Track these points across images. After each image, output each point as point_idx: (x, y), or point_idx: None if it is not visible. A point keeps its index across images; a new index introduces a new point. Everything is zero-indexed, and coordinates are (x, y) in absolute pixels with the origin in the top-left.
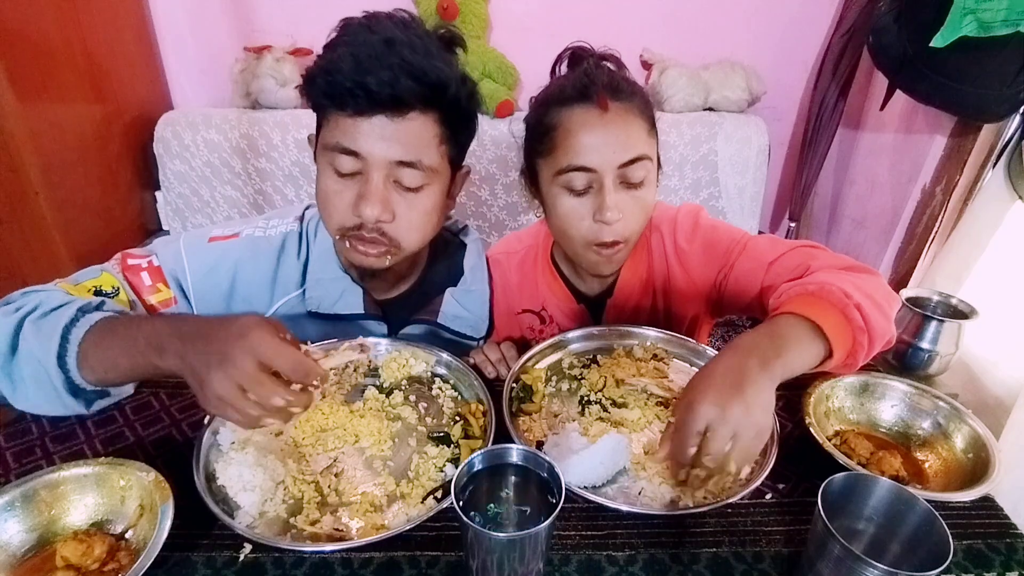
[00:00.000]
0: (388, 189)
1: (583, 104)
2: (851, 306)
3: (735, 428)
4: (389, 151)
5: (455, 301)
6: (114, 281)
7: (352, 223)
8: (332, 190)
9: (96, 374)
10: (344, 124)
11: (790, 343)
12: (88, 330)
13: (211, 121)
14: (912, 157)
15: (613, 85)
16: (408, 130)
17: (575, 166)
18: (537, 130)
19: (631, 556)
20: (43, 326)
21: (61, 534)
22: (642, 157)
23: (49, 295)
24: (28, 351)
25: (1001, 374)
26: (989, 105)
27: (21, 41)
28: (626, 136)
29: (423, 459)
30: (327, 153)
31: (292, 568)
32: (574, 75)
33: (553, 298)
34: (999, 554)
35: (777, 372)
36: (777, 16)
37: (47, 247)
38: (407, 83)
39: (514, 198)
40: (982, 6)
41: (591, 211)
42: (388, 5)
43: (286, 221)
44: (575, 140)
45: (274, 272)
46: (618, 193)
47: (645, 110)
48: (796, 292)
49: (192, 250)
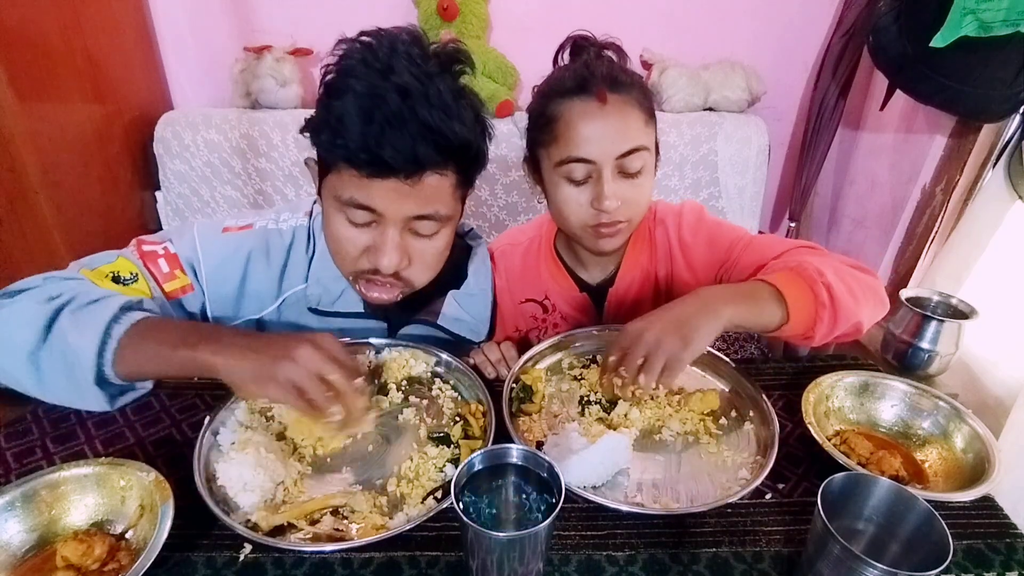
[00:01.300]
0: (404, 237)
1: (582, 96)
2: (819, 283)
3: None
4: (406, 207)
5: (456, 304)
6: (132, 267)
7: (366, 268)
8: (345, 237)
9: (129, 367)
10: (358, 182)
11: (748, 299)
12: (131, 327)
13: (211, 121)
14: (912, 157)
15: (612, 76)
16: (425, 187)
17: (574, 157)
18: (539, 120)
19: (631, 556)
20: (84, 318)
21: (61, 534)
22: (639, 148)
23: (80, 285)
24: (63, 342)
25: (1001, 374)
26: (989, 105)
27: (21, 41)
28: (624, 127)
29: (423, 459)
30: (337, 202)
31: (292, 568)
32: (574, 66)
33: (556, 286)
34: (999, 554)
35: (725, 313)
36: (777, 16)
37: (47, 247)
38: (427, 150)
39: (514, 198)
40: (982, 6)
41: (589, 199)
42: (387, 6)
43: (296, 215)
44: (574, 132)
45: (284, 265)
46: (616, 182)
47: (643, 100)
48: (777, 267)
49: (207, 239)
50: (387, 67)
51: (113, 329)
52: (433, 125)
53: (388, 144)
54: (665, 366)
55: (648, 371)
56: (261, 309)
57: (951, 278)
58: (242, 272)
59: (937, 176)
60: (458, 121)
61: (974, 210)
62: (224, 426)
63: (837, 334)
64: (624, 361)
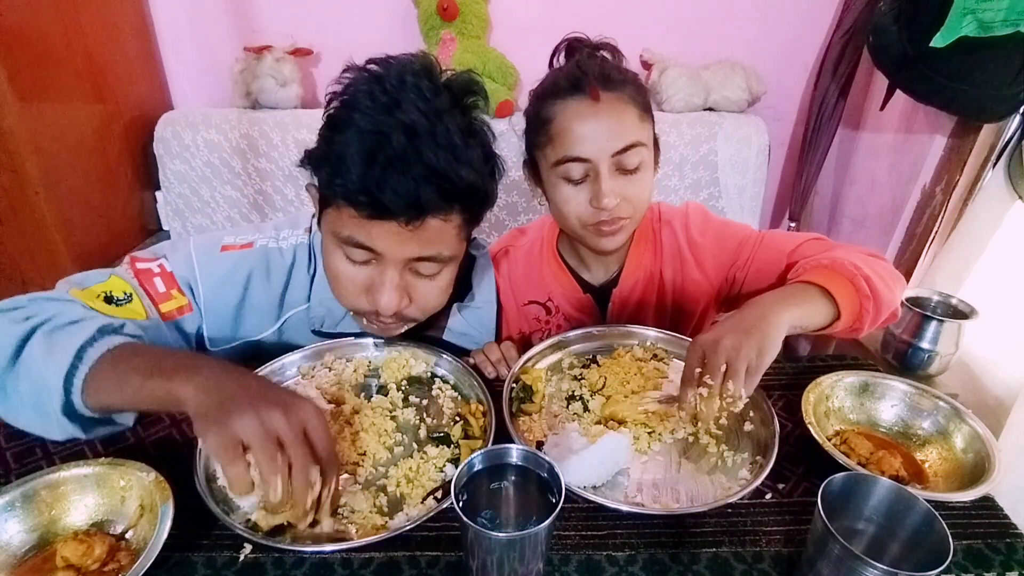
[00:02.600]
0: (405, 277)
1: (576, 95)
2: (859, 277)
3: (730, 350)
4: (407, 249)
5: (461, 318)
6: (126, 286)
7: (365, 307)
8: (344, 274)
9: (98, 396)
10: (358, 221)
11: (802, 301)
12: (105, 352)
13: (211, 121)
14: (912, 157)
15: (604, 75)
16: (427, 230)
17: (570, 156)
18: (535, 123)
19: (631, 556)
20: (57, 339)
21: (61, 534)
22: (635, 144)
23: (64, 306)
24: (32, 364)
25: (1001, 374)
26: (989, 105)
27: (21, 41)
28: (619, 124)
29: (423, 459)
30: (336, 239)
31: (292, 568)
32: (567, 67)
33: (559, 288)
34: (999, 554)
35: (786, 318)
36: (777, 16)
37: (47, 247)
38: (429, 195)
39: (514, 198)
40: (982, 6)
41: (588, 198)
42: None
43: (297, 232)
44: (569, 131)
45: (285, 286)
46: (614, 180)
47: (637, 96)
48: (811, 265)
49: (205, 258)
50: (394, 102)
51: (86, 353)
52: (439, 168)
53: (389, 188)
54: (747, 372)
55: (735, 377)
56: (260, 331)
57: (951, 278)
58: (242, 292)
59: (937, 176)
60: (466, 164)
61: (974, 210)
62: None
63: (880, 323)
64: (707, 370)
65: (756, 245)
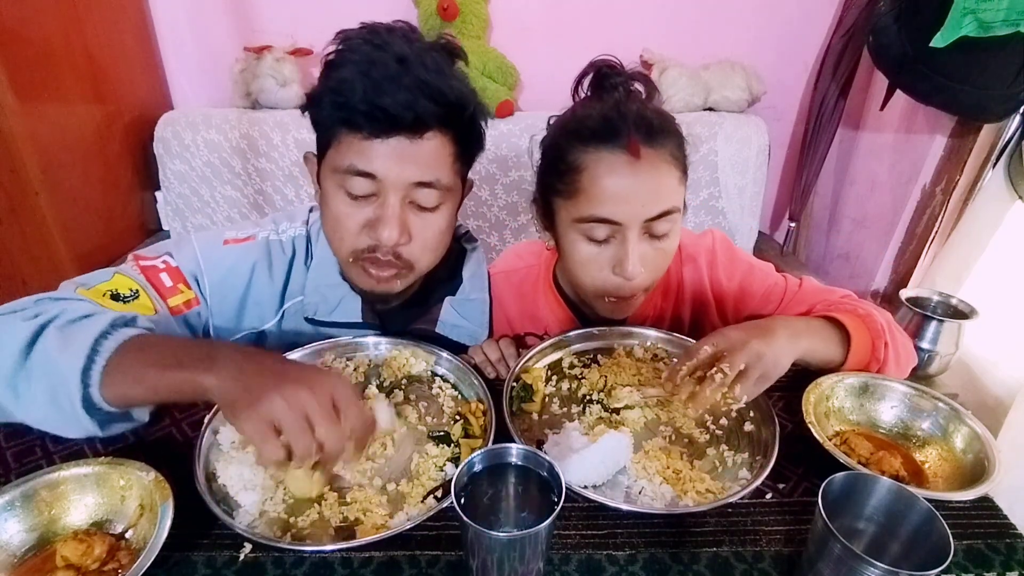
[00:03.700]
0: (405, 210)
1: (611, 148)
2: (882, 340)
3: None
4: (407, 172)
5: (454, 310)
6: (131, 283)
7: (366, 245)
8: (344, 213)
9: (117, 389)
10: (358, 146)
11: (820, 337)
12: (121, 344)
13: (211, 121)
14: (912, 157)
15: (647, 124)
16: (426, 150)
17: (598, 217)
18: (558, 166)
19: (631, 556)
20: (71, 334)
21: (61, 534)
22: (671, 211)
23: (73, 303)
24: (46, 360)
25: (1001, 374)
26: (989, 105)
27: (21, 41)
28: (657, 188)
29: (423, 458)
30: (337, 175)
31: (292, 568)
32: (602, 107)
33: (556, 323)
34: (999, 554)
35: (800, 346)
36: (777, 16)
37: (47, 247)
38: (426, 104)
39: (514, 198)
40: (982, 6)
41: (610, 262)
42: (387, 6)
43: (295, 224)
44: (600, 190)
45: (286, 276)
46: (641, 244)
47: (678, 153)
48: (846, 308)
49: (209, 251)
50: (384, 42)
51: (101, 346)
52: (430, 81)
53: (388, 96)
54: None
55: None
56: (263, 322)
57: (951, 278)
58: (246, 284)
59: (937, 176)
60: (456, 80)
61: (974, 210)
62: (224, 425)
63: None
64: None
65: (786, 297)
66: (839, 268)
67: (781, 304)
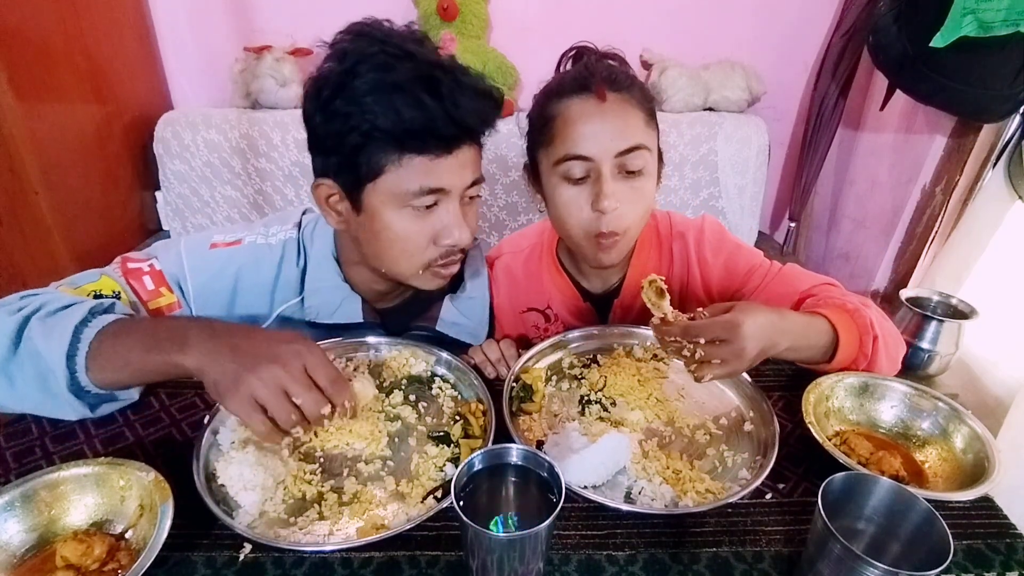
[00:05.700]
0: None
1: (581, 95)
2: (870, 336)
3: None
4: (465, 177)
5: (454, 308)
6: (115, 285)
7: (438, 255)
8: (414, 231)
9: (104, 374)
10: (426, 166)
11: (807, 336)
12: (101, 330)
13: (211, 121)
14: (912, 157)
15: (611, 77)
16: (470, 156)
17: (572, 154)
18: (538, 122)
19: (631, 556)
20: (52, 324)
21: (61, 534)
22: (640, 146)
23: (53, 296)
24: (33, 349)
25: (1001, 374)
26: (989, 105)
27: (21, 41)
28: (624, 125)
29: (423, 459)
30: (398, 197)
31: (292, 568)
32: (574, 69)
33: (559, 295)
34: (999, 554)
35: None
36: (777, 16)
37: (47, 247)
38: (487, 107)
39: (514, 198)
40: (982, 6)
41: (589, 200)
42: (387, 6)
43: (285, 228)
44: (573, 129)
45: (275, 280)
46: (616, 182)
47: (643, 101)
48: (836, 303)
49: (194, 256)
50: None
51: (82, 333)
52: (479, 85)
53: (463, 107)
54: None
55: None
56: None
57: (951, 278)
58: (232, 288)
59: (937, 176)
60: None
61: (974, 210)
62: (224, 425)
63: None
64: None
65: (768, 276)
66: (839, 268)
67: (763, 283)
